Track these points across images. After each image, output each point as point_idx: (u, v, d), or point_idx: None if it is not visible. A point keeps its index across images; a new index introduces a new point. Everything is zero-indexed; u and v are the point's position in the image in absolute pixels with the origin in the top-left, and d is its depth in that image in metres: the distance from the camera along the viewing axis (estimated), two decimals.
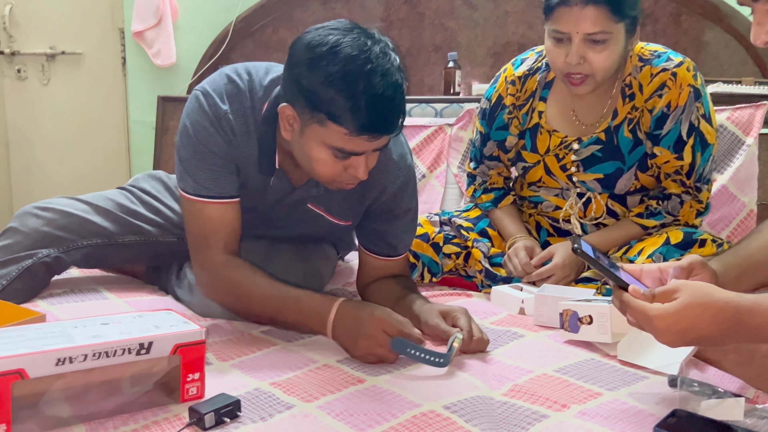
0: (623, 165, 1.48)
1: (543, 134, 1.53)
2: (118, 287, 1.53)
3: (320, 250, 1.53)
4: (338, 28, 1.10)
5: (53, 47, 3.00)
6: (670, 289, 0.85)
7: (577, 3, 1.30)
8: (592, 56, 1.34)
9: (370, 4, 2.59)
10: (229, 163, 1.25)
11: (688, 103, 1.40)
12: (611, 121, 1.47)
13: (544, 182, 1.56)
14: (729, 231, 1.90)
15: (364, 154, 1.13)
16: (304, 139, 1.14)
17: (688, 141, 1.41)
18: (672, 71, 1.40)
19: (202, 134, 1.23)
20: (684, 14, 2.41)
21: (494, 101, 1.59)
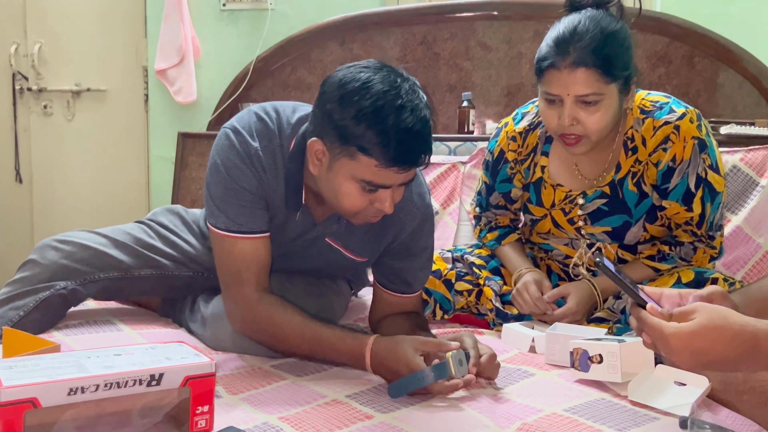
0: (630, 218, 1.45)
1: (547, 188, 1.51)
2: (132, 319, 1.55)
3: (334, 285, 1.54)
4: (368, 66, 1.16)
5: (79, 84, 3.09)
6: (688, 310, 0.85)
7: (566, 66, 1.28)
8: (584, 117, 1.31)
9: (387, 44, 2.64)
10: (259, 199, 1.28)
11: (693, 155, 1.37)
12: (615, 174, 1.44)
13: (553, 233, 1.55)
14: (744, 272, 1.88)
15: (390, 188, 1.16)
16: (333, 173, 1.17)
17: (697, 193, 1.39)
18: (675, 124, 1.37)
19: (233, 171, 1.27)
20: (697, 56, 2.43)
21: (496, 155, 1.58)
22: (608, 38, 1.28)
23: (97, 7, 3.05)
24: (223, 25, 2.84)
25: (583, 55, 1.26)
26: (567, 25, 1.31)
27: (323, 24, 2.66)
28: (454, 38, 2.60)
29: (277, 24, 2.76)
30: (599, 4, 1.35)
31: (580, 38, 1.27)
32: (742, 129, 2.13)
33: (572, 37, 1.28)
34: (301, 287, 1.44)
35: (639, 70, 1.41)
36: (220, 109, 2.77)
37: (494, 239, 1.66)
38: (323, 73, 2.68)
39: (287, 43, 2.70)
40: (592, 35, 1.27)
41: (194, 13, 2.82)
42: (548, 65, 1.30)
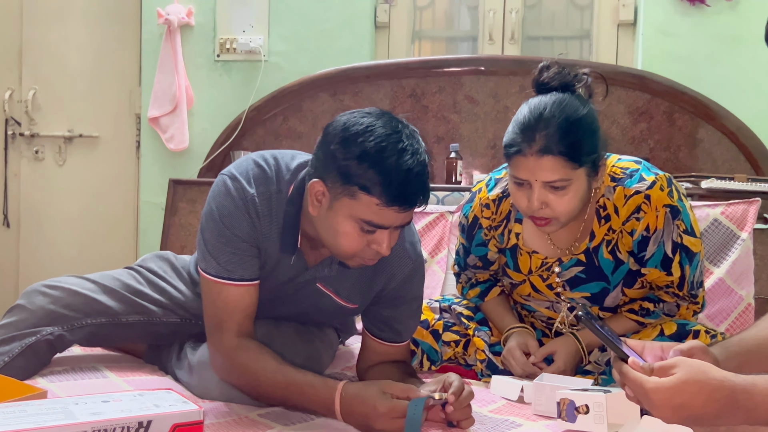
0: (608, 284, 1.46)
1: (523, 255, 1.52)
2: (119, 366, 1.54)
3: (322, 333, 1.54)
4: (371, 113, 1.21)
5: (71, 130, 3.12)
6: (669, 365, 0.86)
7: (533, 153, 1.27)
8: (553, 201, 1.31)
9: (377, 97, 2.71)
10: (252, 247, 1.30)
11: (667, 223, 1.37)
12: (589, 242, 1.44)
13: (533, 296, 1.56)
14: (727, 324, 1.91)
15: (388, 230, 1.19)
16: (333, 212, 1.21)
17: (675, 258, 1.39)
18: (645, 194, 1.37)
19: (227, 218, 1.29)
20: (677, 112, 2.52)
21: (471, 220, 1.58)
22: (574, 125, 1.28)
23: (94, 55, 3.11)
24: (216, 75, 2.90)
25: (549, 143, 1.27)
26: (533, 110, 1.31)
27: (315, 76, 2.73)
28: (442, 92, 2.67)
29: (270, 75, 2.82)
30: (566, 86, 1.34)
31: (546, 125, 1.27)
32: (722, 183, 2.19)
33: (538, 124, 1.28)
34: (288, 335, 1.44)
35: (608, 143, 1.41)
36: (212, 157, 2.80)
37: (477, 296, 1.65)
38: (314, 123, 2.74)
39: (279, 94, 2.76)
40: (557, 123, 1.27)
41: (189, 63, 2.89)
42: (515, 152, 1.30)
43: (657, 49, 2.61)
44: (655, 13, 2.61)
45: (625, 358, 0.90)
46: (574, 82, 1.35)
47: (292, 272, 1.36)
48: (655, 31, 2.61)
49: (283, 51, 2.84)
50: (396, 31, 2.94)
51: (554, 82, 1.35)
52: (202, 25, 2.89)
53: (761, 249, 2.09)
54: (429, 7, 2.99)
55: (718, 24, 2.54)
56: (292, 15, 2.83)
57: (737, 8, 2.52)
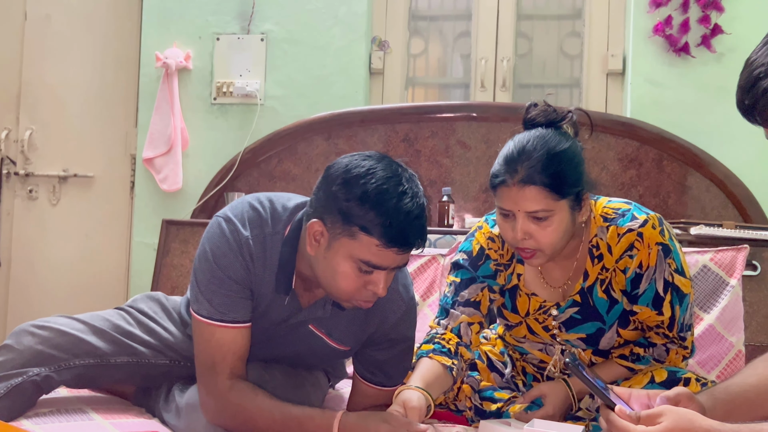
0: (603, 325, 1.47)
1: (522, 297, 1.52)
2: (105, 408, 1.52)
3: (312, 377, 1.53)
4: (371, 156, 1.24)
5: (66, 170, 3.13)
6: (655, 413, 0.87)
7: (515, 183, 1.31)
8: (536, 231, 1.34)
9: (371, 141, 2.74)
10: (244, 289, 1.31)
11: (659, 261, 1.40)
12: (583, 282, 1.46)
13: (528, 338, 1.56)
14: (718, 371, 1.91)
15: (385, 271, 1.21)
16: (332, 252, 1.22)
17: (666, 297, 1.41)
18: (638, 231, 1.39)
19: (221, 260, 1.30)
20: (665, 160, 2.56)
21: (476, 252, 1.53)
22: (555, 157, 1.32)
23: (92, 96, 3.14)
24: (212, 117, 2.94)
25: (531, 174, 1.31)
26: (517, 144, 1.36)
27: (310, 119, 2.77)
28: (434, 137, 2.71)
29: (266, 118, 2.86)
30: (551, 123, 1.40)
31: (527, 157, 1.32)
32: (711, 230, 2.21)
33: (520, 156, 1.33)
34: (278, 379, 1.43)
35: (595, 183, 1.44)
36: (206, 198, 2.82)
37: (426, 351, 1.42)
38: (308, 166, 2.76)
39: (275, 137, 2.79)
40: (538, 155, 1.32)
41: (185, 105, 2.92)
42: (499, 182, 1.35)
43: (645, 98, 2.67)
44: (643, 63, 2.67)
45: (612, 405, 0.90)
46: (559, 119, 1.40)
47: (286, 313, 1.36)
48: (643, 80, 2.67)
49: (280, 95, 2.89)
50: (390, 77, 3.00)
51: (540, 119, 1.40)
52: (199, 69, 2.94)
53: (750, 296, 2.10)
54: (422, 55, 3.05)
55: (704, 75, 2.60)
56: (289, 61, 2.89)
57: (722, 60, 2.59)
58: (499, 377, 1.64)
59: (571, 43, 2.93)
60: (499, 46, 2.91)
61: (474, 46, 2.94)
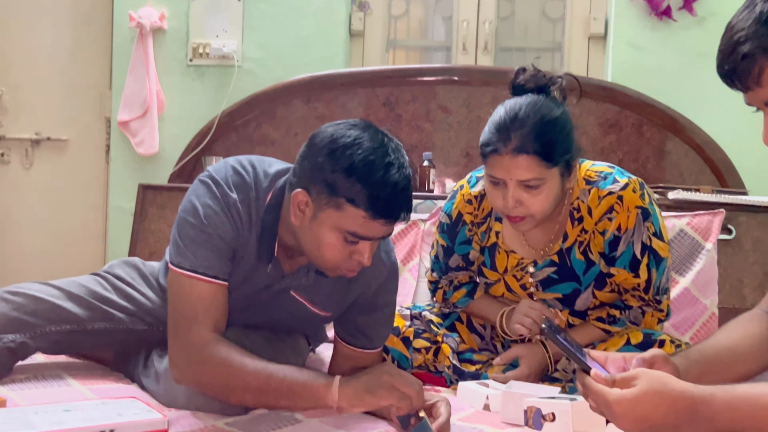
0: (580, 286, 1.48)
1: (501, 254, 1.54)
2: (83, 374, 1.51)
3: (292, 340, 1.53)
4: (356, 125, 1.22)
5: (39, 133, 3.06)
6: (630, 376, 0.88)
7: (508, 152, 1.31)
8: (527, 199, 1.34)
9: (351, 105, 2.71)
10: (229, 249, 1.29)
11: (637, 224, 1.41)
12: (562, 244, 1.47)
13: (506, 297, 1.58)
14: (692, 333, 1.95)
15: (371, 241, 1.21)
16: (317, 223, 1.21)
17: (643, 260, 1.42)
18: (618, 194, 1.40)
19: (212, 218, 1.27)
20: (645, 125, 2.56)
21: (454, 217, 1.58)
22: (548, 125, 1.32)
23: (64, 58, 3.06)
24: (189, 80, 2.88)
25: (524, 142, 1.30)
26: (508, 111, 1.34)
27: (289, 82, 2.72)
28: (415, 101, 2.68)
29: (244, 80, 2.81)
30: (541, 88, 1.38)
31: (521, 125, 1.31)
32: (688, 195, 2.23)
33: (513, 123, 1.32)
34: (258, 343, 1.42)
35: (581, 148, 1.45)
36: (183, 162, 2.78)
37: (464, 296, 1.63)
38: (288, 130, 2.73)
39: (253, 100, 2.74)
40: (532, 123, 1.31)
41: (160, 67, 2.86)
42: (491, 150, 1.34)
43: (627, 63, 2.66)
44: (625, 26, 2.66)
45: (588, 369, 0.91)
46: (549, 85, 1.39)
47: (268, 280, 1.36)
48: (624, 44, 2.66)
49: (257, 57, 2.83)
50: (371, 39, 2.95)
51: (530, 84, 1.39)
52: (175, 29, 2.86)
53: (725, 259, 2.13)
54: (404, 17, 3.01)
55: (686, 39, 2.59)
56: (267, 22, 2.82)
57: (704, 24, 2.58)
58: (478, 339, 1.66)
59: (554, 5, 2.90)
60: (481, 8, 2.87)
61: (456, 8, 2.90)
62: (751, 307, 1.20)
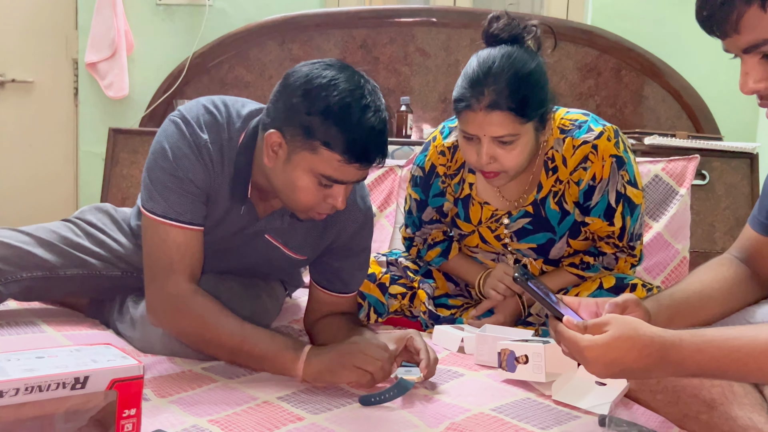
0: (554, 235, 1.49)
1: (475, 205, 1.53)
2: (57, 320, 1.50)
3: (268, 286, 1.54)
4: (332, 65, 1.19)
5: (3, 74, 2.95)
6: (601, 322, 0.89)
7: (481, 109, 1.27)
8: (502, 155, 1.32)
9: (327, 47, 2.64)
10: (202, 193, 1.27)
11: (612, 173, 1.40)
12: (537, 194, 1.47)
13: (480, 248, 1.58)
14: (663, 276, 1.99)
15: (345, 185, 1.19)
16: (290, 166, 1.19)
17: (617, 208, 1.42)
18: (593, 143, 1.39)
19: (182, 160, 1.25)
20: (624, 69, 2.54)
21: (427, 170, 1.55)
22: (522, 80, 1.28)
23: None
24: (158, 20, 2.78)
25: (498, 99, 1.26)
26: (482, 64, 1.30)
27: (262, 23, 2.64)
28: (393, 43, 2.62)
29: (215, 21, 2.72)
30: (515, 38, 1.33)
31: (495, 80, 1.27)
32: (664, 140, 2.24)
33: (486, 78, 1.27)
34: (234, 289, 1.43)
35: (556, 96, 1.42)
36: (154, 105, 2.71)
37: (439, 255, 1.63)
38: (261, 73, 2.66)
39: (225, 41, 2.66)
40: (506, 78, 1.27)
41: (128, 6, 2.75)
42: (464, 106, 1.30)
43: (607, 6, 2.62)
44: None
45: (560, 316, 0.92)
46: (524, 34, 1.34)
47: (242, 223, 1.34)
48: None
49: None
50: None
51: (504, 34, 1.34)
52: None
53: (698, 204, 2.16)
54: None
55: None
56: None
57: None
58: (453, 285, 1.67)
59: None
60: None
61: None
62: (722, 251, 1.22)
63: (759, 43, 0.85)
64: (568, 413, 1.10)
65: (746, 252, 1.16)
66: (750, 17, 0.84)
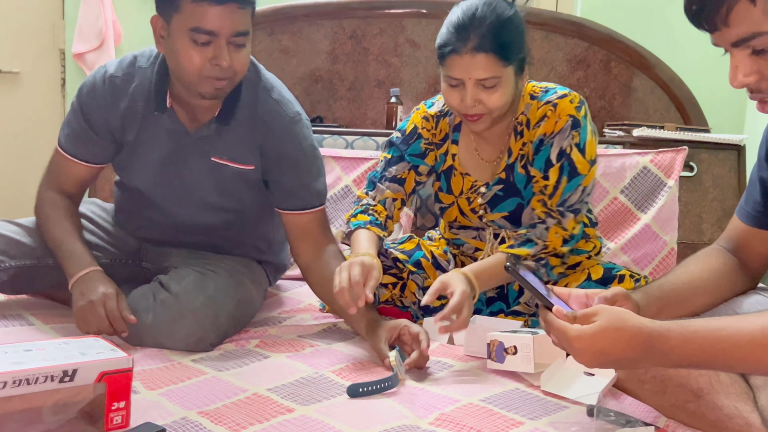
0: (522, 200, 1.50)
1: (456, 176, 1.55)
2: (45, 313, 1.50)
3: (251, 274, 1.56)
4: None
5: None
6: (590, 313, 0.90)
7: (467, 52, 1.33)
8: (485, 98, 1.37)
9: (317, 37, 2.63)
10: (93, 133, 1.46)
11: (563, 129, 1.42)
12: (508, 159, 1.50)
13: (459, 222, 1.59)
14: (651, 268, 2.00)
15: (221, 38, 1.27)
16: (171, 39, 1.31)
17: (556, 164, 1.43)
18: (554, 102, 1.44)
19: (83, 97, 1.46)
20: (613, 61, 2.55)
21: (409, 130, 1.57)
22: (504, 24, 1.35)
23: None
24: (146, 9, 2.72)
25: (483, 42, 1.33)
26: (466, 11, 1.37)
27: None
28: (383, 34, 2.62)
29: None
30: None
31: (479, 24, 1.33)
32: (653, 132, 2.25)
33: (471, 23, 1.34)
34: (220, 279, 1.44)
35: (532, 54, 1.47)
36: None
37: (364, 221, 1.49)
38: None
39: None
40: (490, 22, 1.33)
41: None
42: (450, 51, 1.35)
43: None
44: None
45: (550, 306, 0.93)
46: None
47: (173, 141, 1.43)
48: None
49: None
50: None
51: None
52: None
53: (685, 196, 2.18)
54: None
55: None
56: None
57: None
58: None
59: None
60: None
61: None
62: (710, 242, 1.23)
63: (748, 37, 0.85)
64: (556, 403, 1.11)
65: (734, 242, 1.17)
66: (740, 10, 0.84)
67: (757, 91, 0.90)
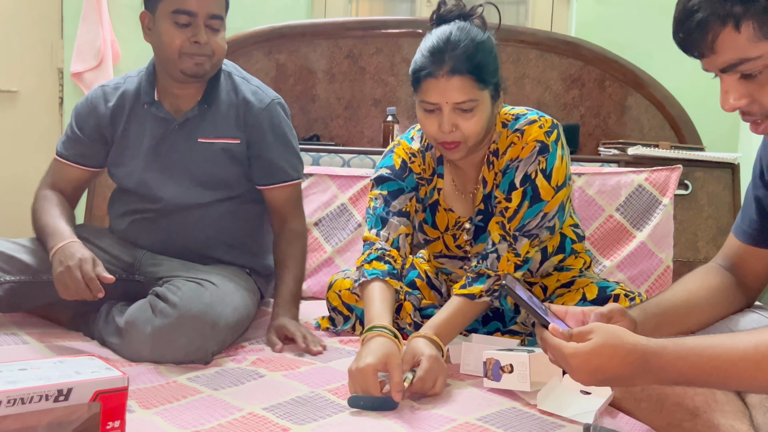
0: None
1: (441, 212, 1.53)
2: (40, 332, 1.49)
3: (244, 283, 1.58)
4: None
5: None
6: (586, 330, 0.90)
7: (443, 74, 1.32)
8: (462, 123, 1.35)
9: (314, 56, 2.65)
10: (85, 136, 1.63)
11: (530, 155, 1.40)
12: (483, 189, 1.48)
13: (443, 253, 1.58)
14: (647, 285, 2.00)
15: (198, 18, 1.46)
16: (156, 25, 1.50)
17: (519, 188, 1.40)
18: (522, 129, 1.42)
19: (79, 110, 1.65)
20: (608, 80, 2.57)
21: (399, 166, 1.51)
22: (479, 47, 1.34)
23: (10, 4, 2.91)
24: None
25: (458, 64, 1.32)
26: (440, 35, 1.36)
27: (249, 33, 2.65)
28: (379, 53, 2.64)
29: None
30: (464, 16, 1.41)
31: (453, 47, 1.33)
32: (648, 150, 2.26)
33: (446, 46, 1.33)
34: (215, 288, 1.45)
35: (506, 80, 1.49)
36: None
37: (381, 271, 1.39)
38: None
39: None
40: (464, 44, 1.33)
41: (114, 15, 2.75)
42: (426, 74, 1.34)
43: (590, 16, 2.65)
44: None
45: (546, 324, 0.93)
46: (471, 14, 1.41)
47: (161, 129, 1.58)
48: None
49: None
50: None
51: (452, 15, 1.41)
52: None
53: (681, 214, 2.19)
54: None
55: None
56: None
57: None
58: (438, 295, 1.68)
59: None
60: None
61: None
62: (705, 260, 1.23)
63: (735, 63, 0.87)
64: (553, 422, 1.10)
65: (731, 260, 1.17)
66: (725, 38, 0.86)
67: (749, 113, 0.91)
